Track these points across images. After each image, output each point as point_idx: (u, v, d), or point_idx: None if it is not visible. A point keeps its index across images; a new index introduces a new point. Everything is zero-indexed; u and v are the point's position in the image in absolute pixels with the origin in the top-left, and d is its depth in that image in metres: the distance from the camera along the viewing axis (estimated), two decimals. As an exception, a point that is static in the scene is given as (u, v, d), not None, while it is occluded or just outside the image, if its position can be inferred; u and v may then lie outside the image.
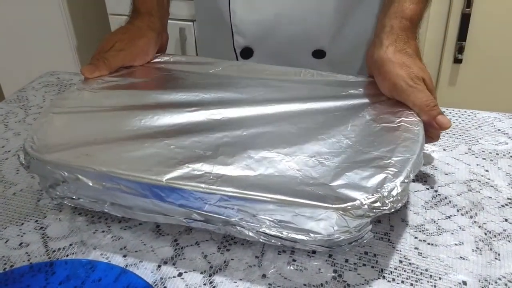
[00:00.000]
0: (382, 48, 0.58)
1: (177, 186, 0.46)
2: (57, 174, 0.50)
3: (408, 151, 0.48)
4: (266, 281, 0.46)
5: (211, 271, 0.48)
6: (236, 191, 0.44)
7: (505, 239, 0.50)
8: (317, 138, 0.51)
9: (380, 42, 0.59)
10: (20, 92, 0.80)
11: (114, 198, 0.50)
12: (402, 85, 0.55)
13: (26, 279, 0.46)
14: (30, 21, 1.75)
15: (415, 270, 0.47)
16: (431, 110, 0.53)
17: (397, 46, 0.57)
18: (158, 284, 0.46)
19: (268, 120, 0.55)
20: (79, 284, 0.45)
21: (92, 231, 0.53)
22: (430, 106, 0.54)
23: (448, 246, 0.49)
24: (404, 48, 0.57)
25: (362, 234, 0.45)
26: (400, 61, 0.56)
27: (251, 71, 0.65)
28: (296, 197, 0.43)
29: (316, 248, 0.47)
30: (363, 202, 0.43)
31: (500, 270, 0.47)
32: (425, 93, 0.54)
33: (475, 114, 0.70)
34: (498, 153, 0.62)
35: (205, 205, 0.46)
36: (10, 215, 0.55)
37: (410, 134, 0.51)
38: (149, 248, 0.50)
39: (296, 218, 0.44)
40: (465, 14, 1.51)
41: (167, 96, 0.60)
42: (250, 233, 0.47)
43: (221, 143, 0.51)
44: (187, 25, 1.64)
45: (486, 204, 0.54)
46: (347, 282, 0.46)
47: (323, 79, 0.63)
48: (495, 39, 1.53)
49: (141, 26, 0.71)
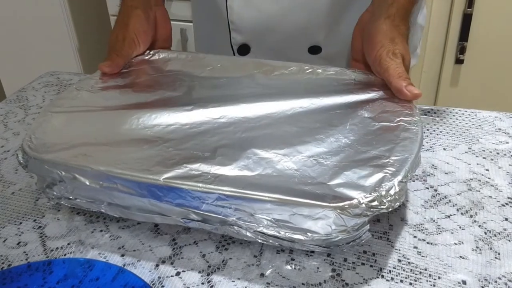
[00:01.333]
0: (380, 18, 0.61)
1: (174, 185, 0.45)
2: (54, 173, 0.50)
3: (407, 150, 0.48)
4: (264, 280, 0.46)
5: (209, 270, 0.47)
6: (234, 190, 0.44)
7: (505, 239, 0.49)
8: (316, 137, 0.51)
9: (379, 12, 0.62)
10: (20, 92, 0.80)
11: (111, 198, 0.49)
12: (384, 56, 0.59)
13: (24, 278, 0.46)
14: (32, 21, 1.75)
15: (414, 269, 0.47)
16: (403, 79, 0.56)
17: (394, 21, 0.60)
18: (156, 283, 0.46)
19: (267, 120, 0.54)
20: (76, 283, 0.45)
21: (90, 230, 0.53)
22: (403, 77, 0.57)
23: (448, 245, 0.49)
24: (398, 24, 0.61)
25: (360, 234, 0.45)
26: (391, 36, 0.59)
27: (249, 67, 0.65)
28: (294, 196, 0.43)
29: (314, 249, 0.47)
30: (361, 201, 0.42)
31: (500, 269, 0.46)
32: (401, 66, 0.58)
33: (476, 113, 0.69)
34: (499, 152, 0.62)
35: (203, 205, 0.46)
36: (8, 214, 0.55)
37: (409, 134, 0.51)
38: (147, 247, 0.50)
39: (293, 217, 0.44)
40: (466, 14, 1.51)
41: (165, 95, 0.60)
42: (247, 233, 0.46)
43: (219, 144, 0.51)
44: (188, 25, 1.64)
45: (486, 204, 0.54)
46: (346, 281, 0.46)
47: (321, 76, 0.63)
48: (497, 39, 1.53)
49: (128, 7, 0.71)
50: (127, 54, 0.68)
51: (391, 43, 0.59)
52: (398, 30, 0.60)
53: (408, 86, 0.56)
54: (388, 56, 0.58)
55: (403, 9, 0.62)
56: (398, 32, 0.60)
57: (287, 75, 0.63)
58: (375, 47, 0.60)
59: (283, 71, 0.64)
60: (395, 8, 0.61)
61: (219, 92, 0.60)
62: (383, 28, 0.60)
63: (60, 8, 1.72)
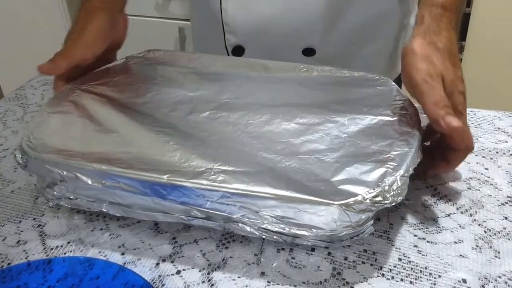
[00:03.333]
0: (410, 39, 0.54)
1: (178, 184, 0.45)
2: (55, 172, 0.49)
3: (407, 144, 0.48)
4: (265, 279, 0.46)
5: (210, 269, 0.47)
6: (238, 188, 0.44)
7: (505, 237, 0.50)
8: (315, 134, 0.51)
9: (411, 34, 0.55)
10: (19, 90, 0.80)
11: (113, 197, 0.49)
12: (417, 80, 0.50)
13: (23, 276, 0.46)
14: (30, 19, 1.74)
15: (414, 268, 0.47)
16: (441, 108, 0.48)
17: (426, 38, 0.52)
18: (157, 281, 0.46)
19: (266, 118, 0.54)
20: (76, 281, 0.45)
21: (90, 229, 0.53)
22: (440, 104, 0.48)
23: (448, 244, 0.49)
24: (434, 40, 0.52)
25: (364, 228, 0.45)
26: (424, 54, 0.51)
27: (245, 66, 0.65)
28: (298, 193, 0.43)
29: (316, 243, 0.47)
30: (365, 197, 0.43)
31: (500, 268, 0.47)
32: (438, 91, 0.49)
33: (475, 112, 0.70)
34: (498, 151, 0.62)
35: (207, 203, 0.46)
36: (8, 213, 0.55)
37: (408, 128, 0.51)
38: (148, 246, 0.50)
39: (298, 214, 0.44)
40: (464, 14, 1.51)
41: (164, 94, 0.60)
42: (251, 230, 0.47)
43: (220, 143, 0.51)
44: (186, 24, 1.64)
45: (486, 202, 0.54)
46: (346, 280, 0.46)
47: (317, 74, 0.63)
48: (495, 39, 1.53)
49: (90, 9, 0.65)
50: (74, 55, 0.62)
51: (423, 62, 0.51)
52: (432, 46, 0.52)
53: (446, 117, 0.48)
54: (424, 80, 0.50)
55: (434, 22, 0.53)
56: (433, 48, 0.51)
57: (283, 73, 0.63)
58: (405, 69, 0.52)
59: (279, 69, 0.64)
60: (425, 25, 0.53)
61: (217, 91, 0.60)
62: (412, 47, 0.52)
63: (59, 7, 1.72)
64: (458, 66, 0.52)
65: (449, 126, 0.48)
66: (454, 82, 0.51)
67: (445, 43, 0.52)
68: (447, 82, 0.50)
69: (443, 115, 0.48)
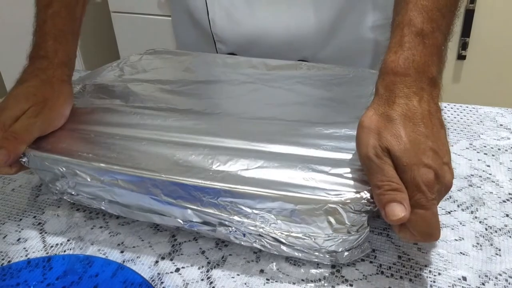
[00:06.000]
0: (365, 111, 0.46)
1: (175, 181, 0.45)
2: (56, 169, 0.50)
3: None
4: (264, 276, 0.46)
5: (209, 267, 0.47)
6: (235, 186, 0.44)
7: (506, 235, 0.49)
8: (315, 130, 0.51)
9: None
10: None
11: (111, 195, 0.49)
12: (361, 155, 0.43)
13: (23, 274, 0.46)
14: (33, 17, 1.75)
15: (414, 266, 0.46)
16: (382, 194, 0.40)
17: (377, 110, 0.44)
18: (156, 279, 0.46)
19: (265, 114, 0.54)
20: (76, 279, 0.45)
21: (90, 227, 0.53)
22: (383, 188, 0.40)
23: (448, 242, 0.49)
24: (385, 111, 0.44)
25: (360, 237, 0.45)
26: (372, 127, 0.43)
27: (244, 64, 0.65)
28: (295, 192, 0.43)
29: (315, 257, 0.46)
30: (363, 196, 0.42)
31: (501, 265, 0.46)
32: (382, 171, 0.41)
33: (477, 109, 0.69)
34: (500, 148, 0.61)
35: (203, 200, 0.45)
36: (8, 211, 0.55)
37: None
38: (147, 243, 0.50)
39: (294, 212, 0.44)
40: (468, 10, 1.50)
41: (162, 93, 0.60)
42: (246, 238, 0.46)
43: (218, 140, 0.50)
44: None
45: (487, 200, 0.54)
46: (345, 278, 0.46)
47: (317, 71, 0.63)
48: (499, 35, 1.52)
49: (52, 80, 0.56)
50: (31, 139, 0.52)
51: (373, 137, 0.43)
52: (384, 117, 0.43)
53: (389, 205, 0.40)
54: (367, 156, 0.42)
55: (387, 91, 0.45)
56: (385, 120, 0.43)
57: (283, 70, 0.63)
58: (356, 148, 0.45)
59: (278, 67, 0.64)
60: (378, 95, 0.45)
61: (215, 88, 0.60)
62: (361, 121, 0.44)
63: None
64: (429, 135, 0.42)
65: (390, 218, 0.40)
66: (417, 154, 0.41)
67: (401, 112, 0.43)
68: (395, 151, 0.41)
69: (384, 202, 0.40)
